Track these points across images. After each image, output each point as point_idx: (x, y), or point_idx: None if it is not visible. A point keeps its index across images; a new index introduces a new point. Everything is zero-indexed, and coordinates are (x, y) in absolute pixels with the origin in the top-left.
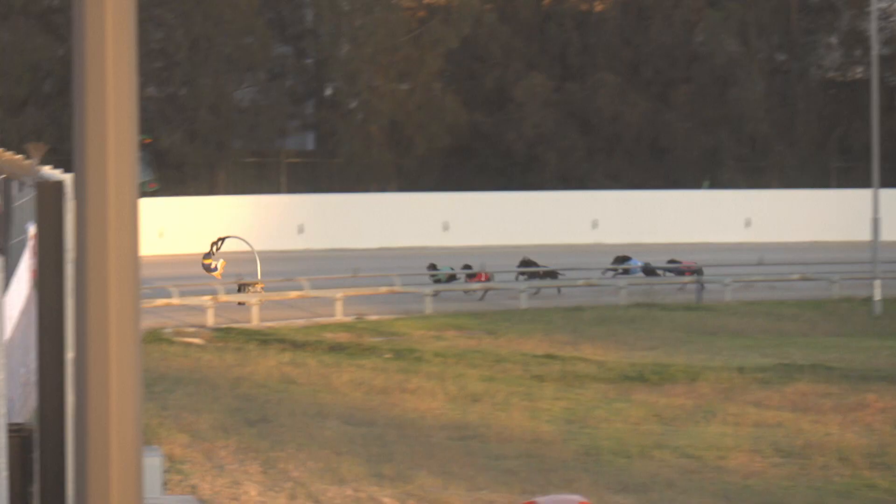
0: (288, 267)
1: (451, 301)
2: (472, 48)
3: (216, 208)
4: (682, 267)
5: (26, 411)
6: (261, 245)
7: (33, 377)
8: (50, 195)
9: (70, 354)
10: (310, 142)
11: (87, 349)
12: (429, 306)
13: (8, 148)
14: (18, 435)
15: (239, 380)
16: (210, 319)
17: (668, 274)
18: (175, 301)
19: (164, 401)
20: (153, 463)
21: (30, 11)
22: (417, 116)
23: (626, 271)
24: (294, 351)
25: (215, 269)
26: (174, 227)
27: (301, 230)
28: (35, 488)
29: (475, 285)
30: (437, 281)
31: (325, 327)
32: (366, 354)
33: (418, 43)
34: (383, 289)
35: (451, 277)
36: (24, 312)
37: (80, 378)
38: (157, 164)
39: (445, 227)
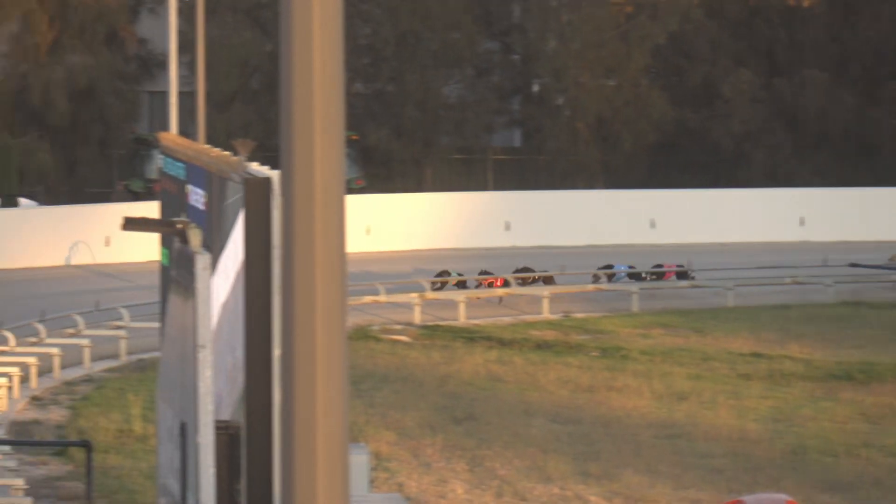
0: (494, 264)
1: (658, 299)
2: (679, 44)
3: (423, 205)
4: (664, 269)
5: (231, 401)
6: (467, 242)
7: (239, 370)
8: (257, 192)
9: (277, 352)
10: (516, 138)
11: (293, 346)
12: (635, 304)
13: (215, 144)
14: (226, 432)
15: (445, 377)
16: (417, 317)
17: (652, 277)
18: (382, 298)
19: (371, 398)
20: (360, 460)
21: (238, 7)
22: (624, 113)
23: (609, 277)
24: (500, 349)
25: None
26: (381, 223)
27: (508, 227)
28: (242, 485)
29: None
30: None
31: (531, 325)
32: (572, 352)
33: (625, 39)
34: (590, 286)
35: (461, 284)
36: (225, 306)
37: (286, 375)
38: (363, 161)
39: (652, 225)
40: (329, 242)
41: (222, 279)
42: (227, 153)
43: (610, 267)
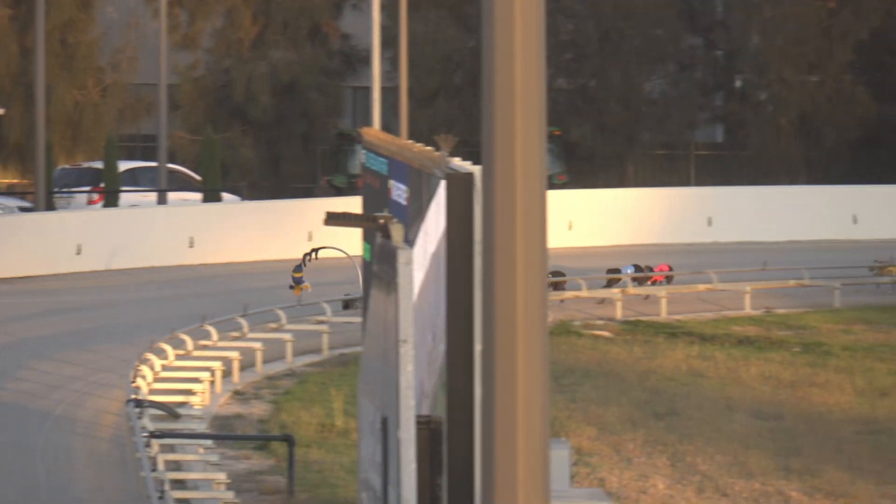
0: (696, 260)
1: (861, 294)
2: (882, 39)
3: (625, 200)
4: (643, 274)
5: (428, 389)
6: (668, 237)
7: (433, 363)
8: (459, 187)
9: (478, 347)
10: (718, 134)
11: (494, 341)
12: (837, 300)
13: (418, 140)
14: (427, 427)
15: (646, 373)
16: (618, 312)
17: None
18: (583, 293)
19: (573, 393)
20: (561, 455)
21: (441, 3)
22: (826, 108)
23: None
24: (702, 344)
25: (302, 283)
26: (583, 219)
27: (710, 223)
28: (443, 480)
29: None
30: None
31: (733, 321)
32: (774, 348)
33: (828, 34)
34: (791, 282)
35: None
36: (419, 298)
37: (487, 370)
38: (566, 156)
39: (854, 220)
40: (530, 237)
41: (417, 273)
42: (429, 148)
43: (617, 271)
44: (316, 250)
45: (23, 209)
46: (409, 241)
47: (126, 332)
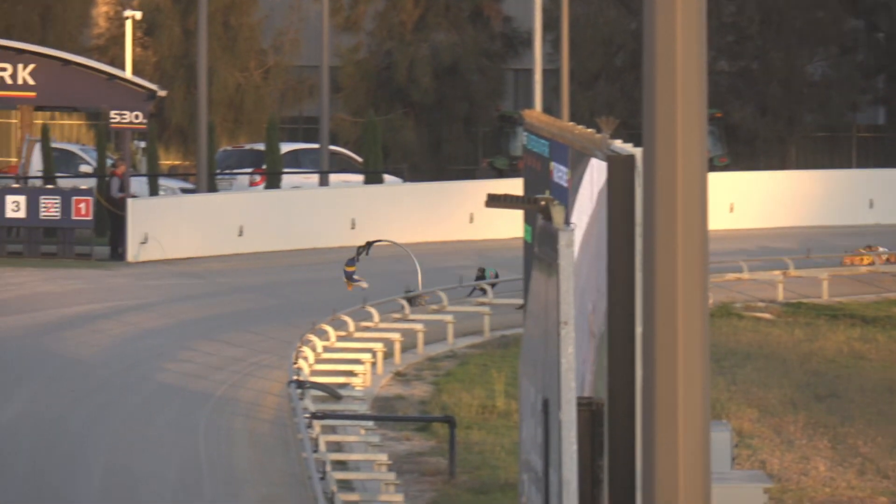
0: (858, 242)
1: None
2: None
3: (786, 182)
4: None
5: (588, 377)
6: (830, 219)
7: (584, 343)
8: (621, 169)
9: (639, 329)
10: (881, 116)
11: (655, 323)
12: None
13: (579, 122)
14: (588, 409)
15: (808, 355)
16: (780, 294)
17: None
18: (745, 276)
19: (733, 375)
20: (721, 437)
21: None
22: None
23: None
24: (864, 326)
25: (356, 279)
26: (744, 201)
27: (871, 205)
28: (604, 461)
29: None
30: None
31: (894, 303)
32: None
33: None
34: None
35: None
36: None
37: (648, 352)
38: (727, 139)
39: None
40: (690, 219)
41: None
42: (590, 131)
43: None
44: (370, 244)
45: (185, 191)
46: (570, 223)
47: (287, 314)
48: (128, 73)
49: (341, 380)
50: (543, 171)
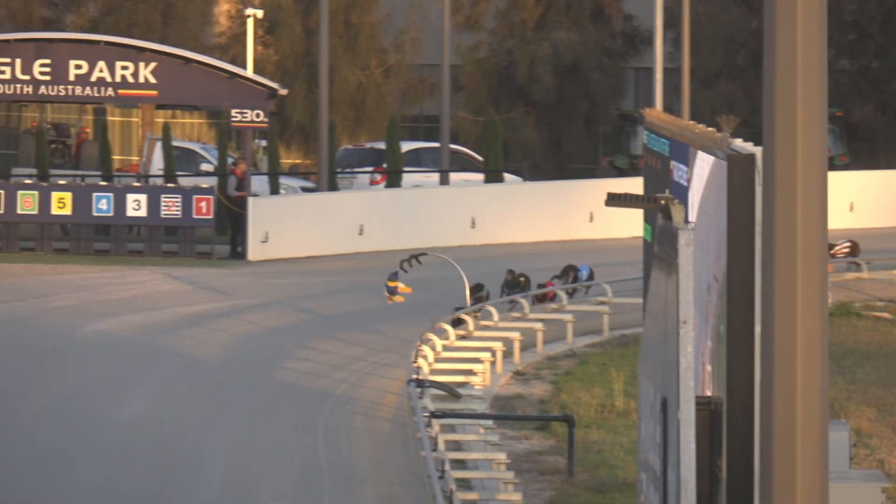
0: None
1: None
2: None
3: None
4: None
5: (704, 376)
6: None
7: (704, 343)
8: (741, 168)
9: (758, 328)
10: None
11: (774, 322)
12: None
13: (699, 120)
14: (707, 408)
15: None
16: None
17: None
18: (864, 275)
19: (852, 375)
20: (840, 437)
21: None
22: None
23: (575, 279)
24: None
25: (395, 292)
26: (864, 200)
27: None
28: (722, 461)
29: None
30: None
31: None
32: None
33: None
34: None
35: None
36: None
37: (766, 351)
38: (847, 137)
39: None
40: (810, 218)
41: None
42: (710, 129)
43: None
44: (415, 256)
45: (305, 190)
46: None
47: (407, 313)
48: (249, 72)
49: (461, 379)
50: (664, 170)
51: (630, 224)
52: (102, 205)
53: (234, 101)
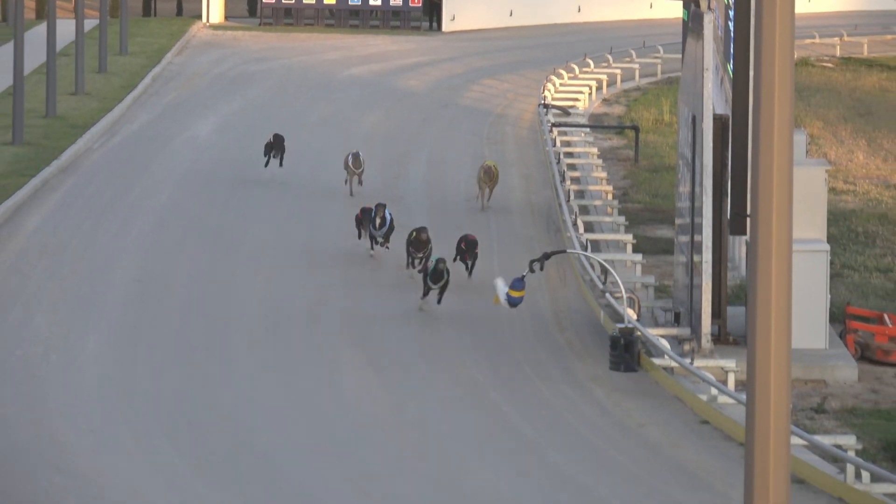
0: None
1: None
2: None
3: None
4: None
5: (722, 101)
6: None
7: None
8: None
9: (751, 73)
10: None
11: (762, 65)
12: None
13: None
14: (719, 122)
15: (854, 89)
16: (837, 51)
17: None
18: (817, 41)
19: (808, 101)
20: (799, 139)
21: None
22: None
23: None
24: (889, 72)
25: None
26: None
27: None
28: (728, 166)
29: None
30: None
31: None
32: None
33: None
34: None
35: None
36: None
37: (757, 86)
38: None
39: None
40: None
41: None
42: None
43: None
44: (548, 256)
45: None
46: (710, 8)
47: (540, 63)
48: None
49: (570, 103)
50: None
51: (671, 8)
52: None
53: None
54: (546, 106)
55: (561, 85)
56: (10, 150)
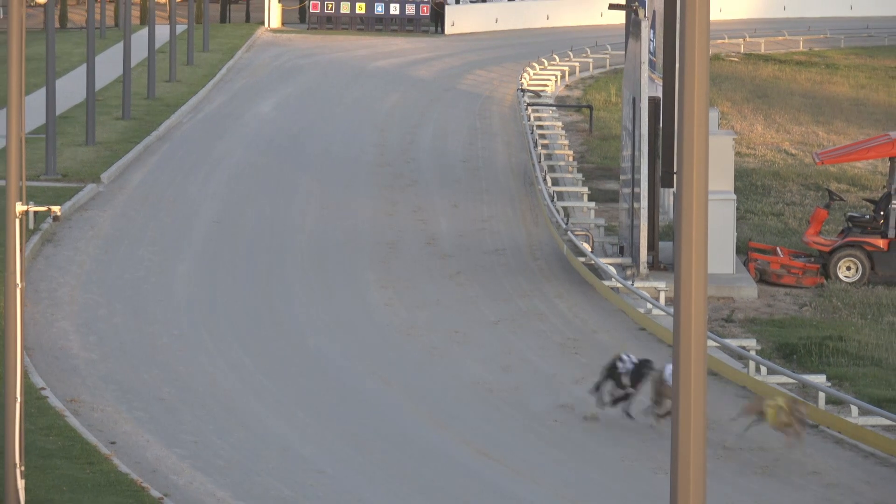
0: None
1: None
2: None
3: None
4: None
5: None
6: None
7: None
8: None
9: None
10: None
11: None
12: None
13: None
14: (653, 102)
15: (754, 77)
16: (742, 48)
17: None
18: (725, 41)
19: (719, 88)
20: (712, 116)
21: None
22: None
23: None
24: (781, 63)
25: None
26: None
27: None
28: (660, 131)
29: None
30: None
31: (799, 52)
32: None
33: None
34: None
35: None
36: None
37: (681, 68)
38: None
39: None
40: None
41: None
42: None
43: None
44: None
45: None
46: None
47: (517, 58)
48: None
49: (540, 88)
50: None
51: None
52: (378, 9)
53: None
54: (523, 90)
55: (534, 74)
56: (120, 123)
